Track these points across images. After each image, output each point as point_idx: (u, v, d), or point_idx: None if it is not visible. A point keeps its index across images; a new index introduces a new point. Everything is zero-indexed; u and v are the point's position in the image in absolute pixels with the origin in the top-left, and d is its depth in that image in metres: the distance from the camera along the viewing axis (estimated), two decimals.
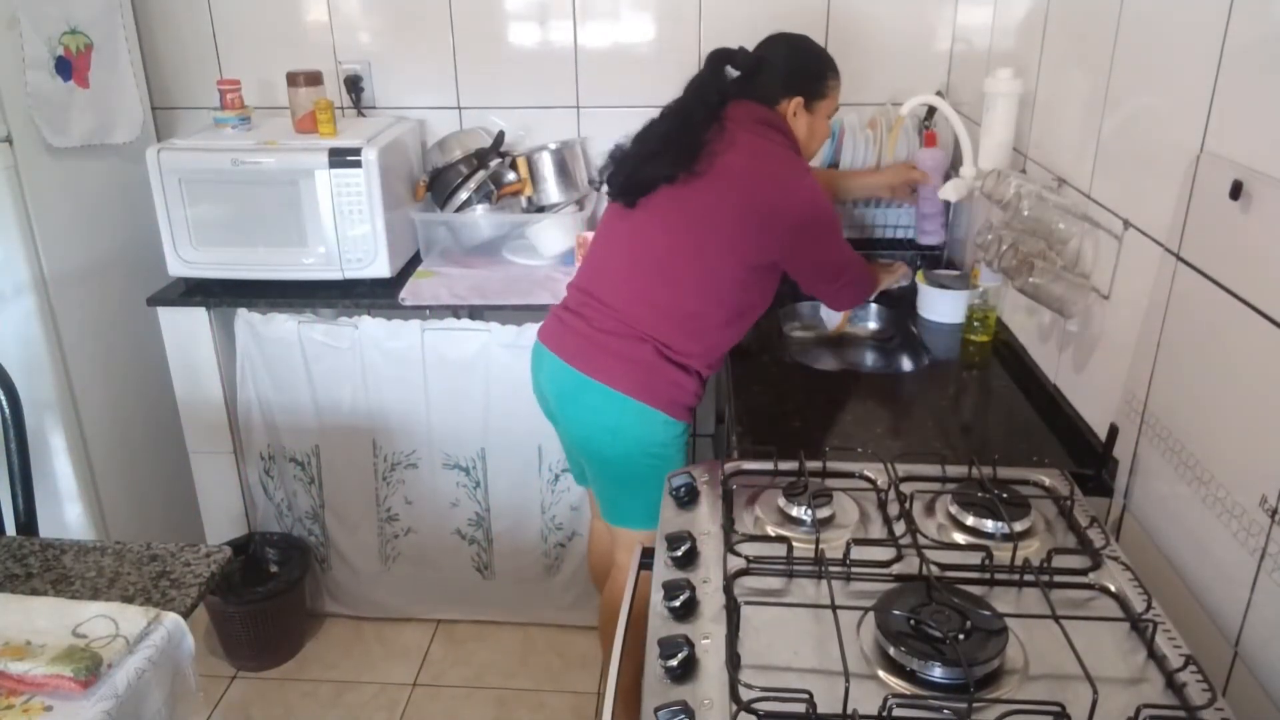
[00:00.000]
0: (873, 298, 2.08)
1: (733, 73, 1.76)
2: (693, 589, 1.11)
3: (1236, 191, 1.08)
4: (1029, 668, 1.00)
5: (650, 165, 1.72)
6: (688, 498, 1.33)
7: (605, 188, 1.84)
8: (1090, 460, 1.45)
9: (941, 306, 2.04)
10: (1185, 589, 1.18)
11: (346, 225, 2.17)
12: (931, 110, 2.28)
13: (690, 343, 1.72)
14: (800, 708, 0.92)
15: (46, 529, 1.70)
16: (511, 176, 2.42)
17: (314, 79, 2.28)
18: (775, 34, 1.81)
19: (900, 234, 2.36)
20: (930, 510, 1.30)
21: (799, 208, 1.69)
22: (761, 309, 1.82)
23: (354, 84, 2.49)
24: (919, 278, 2.10)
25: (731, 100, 1.74)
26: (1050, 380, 1.69)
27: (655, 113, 1.79)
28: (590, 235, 2.09)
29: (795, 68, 1.77)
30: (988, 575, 1.14)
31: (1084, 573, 1.15)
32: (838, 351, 2.13)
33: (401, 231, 2.31)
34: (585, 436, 1.80)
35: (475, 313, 2.26)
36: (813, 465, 1.36)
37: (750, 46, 1.79)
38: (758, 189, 1.67)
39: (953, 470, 1.36)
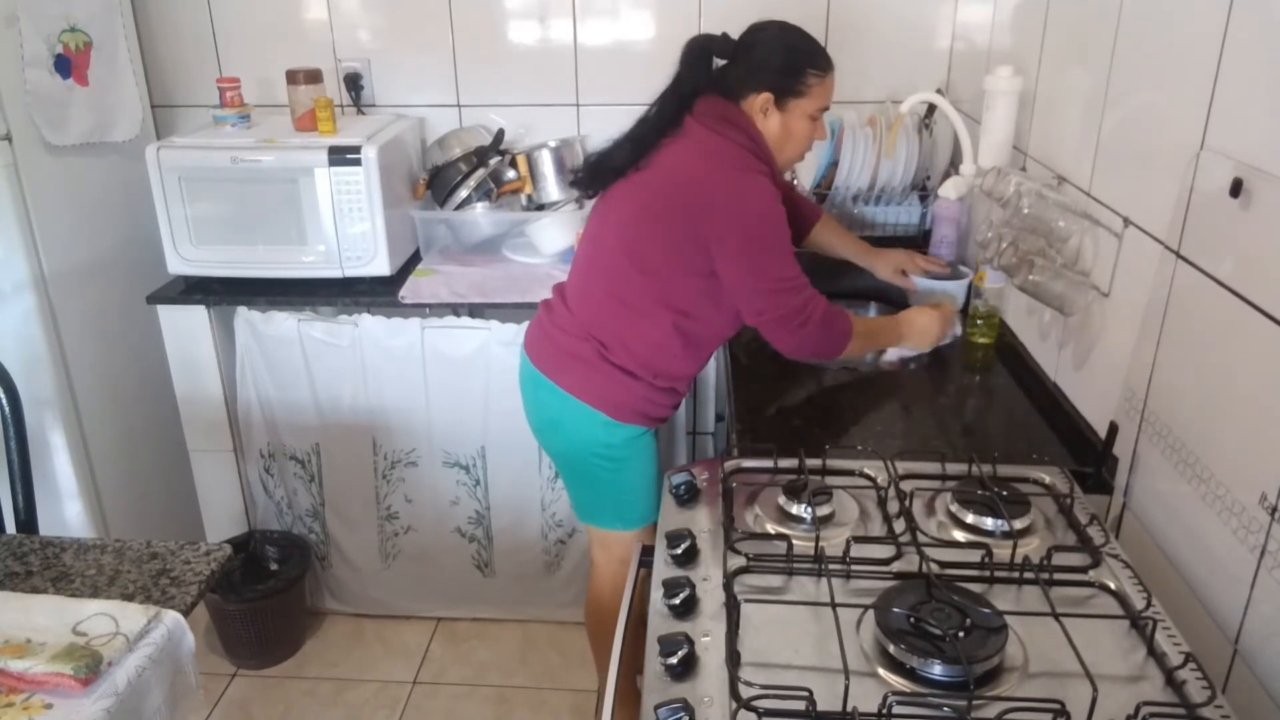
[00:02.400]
0: (880, 355, 1.83)
1: (720, 62, 1.67)
2: (693, 586, 1.11)
3: (1236, 189, 1.08)
4: (1029, 665, 1.00)
5: (608, 157, 1.68)
6: (687, 496, 1.33)
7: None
8: (1090, 458, 1.45)
9: (933, 292, 2.03)
10: (1185, 586, 1.18)
11: (346, 223, 2.17)
12: (931, 108, 2.28)
13: (630, 344, 1.67)
14: (800, 705, 0.92)
15: (46, 527, 1.70)
16: (511, 174, 2.42)
17: (313, 77, 2.28)
18: (764, 21, 1.66)
19: (902, 232, 2.36)
20: (930, 508, 1.30)
21: (726, 208, 1.55)
22: (725, 318, 1.68)
23: (353, 82, 2.49)
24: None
25: (702, 94, 1.65)
26: (1050, 378, 1.69)
27: None
28: None
29: (770, 61, 1.61)
30: (987, 573, 1.14)
31: (1084, 570, 1.15)
32: None
33: (401, 229, 2.31)
34: (535, 428, 1.84)
35: (475, 311, 2.26)
36: (812, 463, 1.36)
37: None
38: (689, 185, 1.58)
39: (952, 468, 1.36)
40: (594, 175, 1.72)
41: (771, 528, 1.25)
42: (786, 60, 1.62)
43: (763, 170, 1.61)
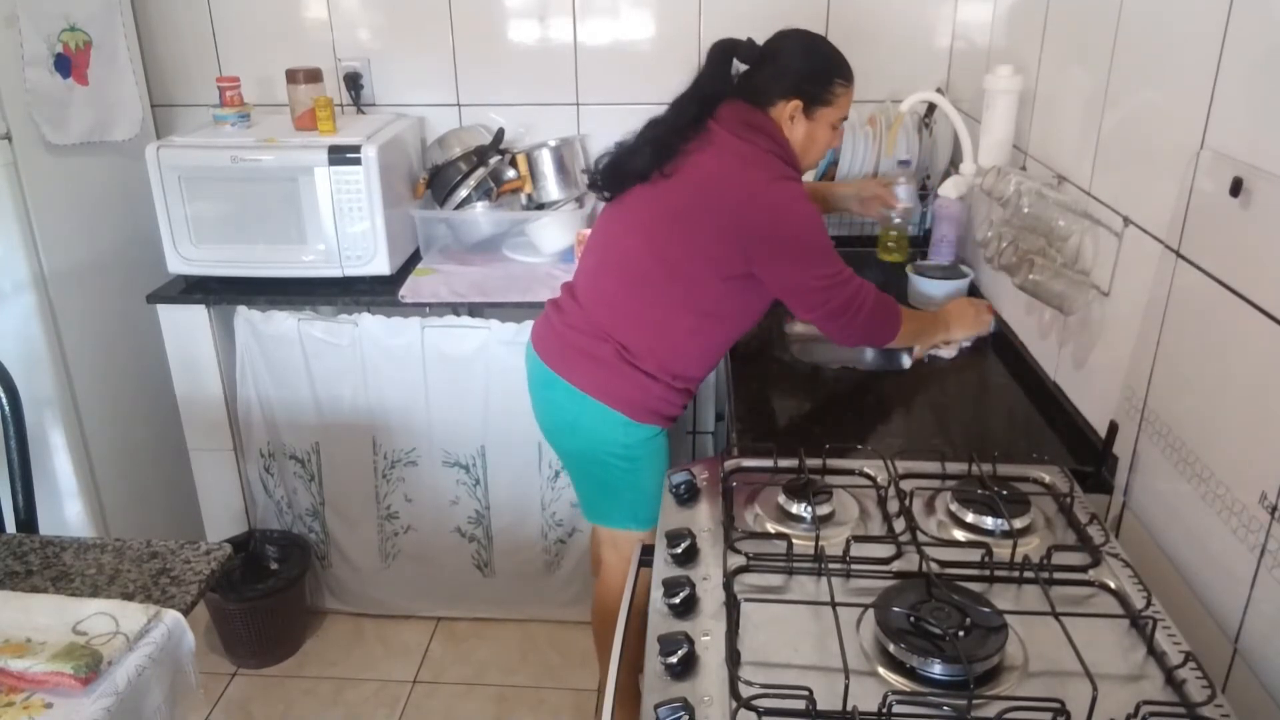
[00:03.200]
0: (924, 348, 1.85)
1: (741, 67, 1.68)
2: (692, 586, 1.11)
3: (1237, 188, 1.08)
4: (1029, 664, 1.00)
5: (628, 161, 1.68)
6: (687, 495, 1.33)
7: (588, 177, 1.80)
8: (1090, 457, 1.45)
9: (936, 296, 2.05)
10: (1185, 586, 1.18)
11: (346, 222, 2.17)
12: (931, 107, 2.28)
13: (651, 346, 1.67)
14: (800, 704, 0.92)
15: (46, 526, 1.70)
16: (511, 174, 2.42)
17: (313, 76, 2.28)
18: (788, 29, 1.69)
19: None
20: (930, 507, 1.30)
21: (766, 215, 1.57)
22: (745, 318, 1.72)
23: (353, 81, 2.49)
24: (908, 269, 2.10)
25: (726, 99, 1.66)
26: (1050, 377, 1.69)
27: (655, 110, 1.75)
28: (589, 232, 2.09)
29: (799, 68, 1.65)
30: (987, 572, 1.14)
31: (1084, 570, 1.15)
32: (836, 348, 2.13)
33: (401, 229, 2.31)
34: (549, 430, 1.83)
35: (475, 310, 2.27)
36: (812, 462, 1.36)
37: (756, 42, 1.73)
38: (723, 193, 1.59)
39: (952, 467, 1.36)
40: (612, 177, 1.72)
41: (771, 527, 1.25)
42: (814, 68, 1.65)
43: (792, 176, 1.64)
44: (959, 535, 1.24)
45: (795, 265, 1.61)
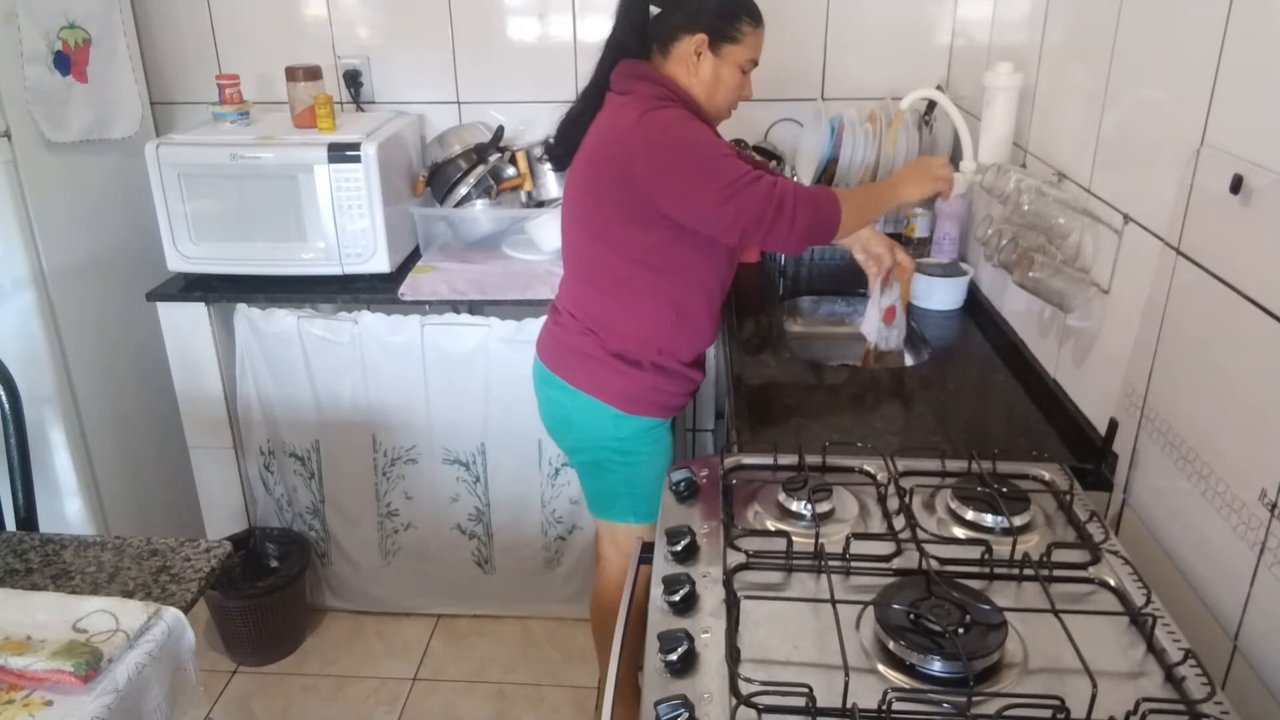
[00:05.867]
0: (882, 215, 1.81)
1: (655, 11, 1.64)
2: (692, 583, 1.11)
3: (1237, 185, 1.08)
4: (1028, 662, 1.00)
5: (567, 121, 1.71)
6: (687, 492, 1.33)
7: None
8: (1090, 454, 1.45)
9: (936, 294, 2.05)
10: (1185, 583, 1.18)
11: (346, 220, 2.17)
12: (931, 104, 2.28)
13: (623, 329, 1.67)
14: (800, 702, 0.92)
15: (46, 524, 1.70)
16: (511, 171, 2.42)
17: (313, 74, 2.28)
18: None
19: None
20: (930, 505, 1.30)
21: (642, 146, 1.52)
22: (710, 268, 1.67)
23: (353, 79, 2.49)
24: None
25: (628, 52, 1.63)
26: (1050, 374, 1.69)
27: None
28: None
29: (707, 4, 1.59)
30: (987, 569, 1.14)
31: (1083, 567, 1.15)
32: (837, 346, 2.13)
33: (401, 226, 2.31)
34: (548, 426, 1.85)
35: (475, 308, 2.26)
36: (812, 460, 1.36)
37: None
38: (607, 147, 1.59)
39: (952, 465, 1.36)
40: (561, 142, 1.74)
41: (771, 524, 1.25)
42: (722, 4, 1.61)
43: (669, 104, 1.57)
44: (959, 532, 1.24)
45: (689, 186, 1.52)
